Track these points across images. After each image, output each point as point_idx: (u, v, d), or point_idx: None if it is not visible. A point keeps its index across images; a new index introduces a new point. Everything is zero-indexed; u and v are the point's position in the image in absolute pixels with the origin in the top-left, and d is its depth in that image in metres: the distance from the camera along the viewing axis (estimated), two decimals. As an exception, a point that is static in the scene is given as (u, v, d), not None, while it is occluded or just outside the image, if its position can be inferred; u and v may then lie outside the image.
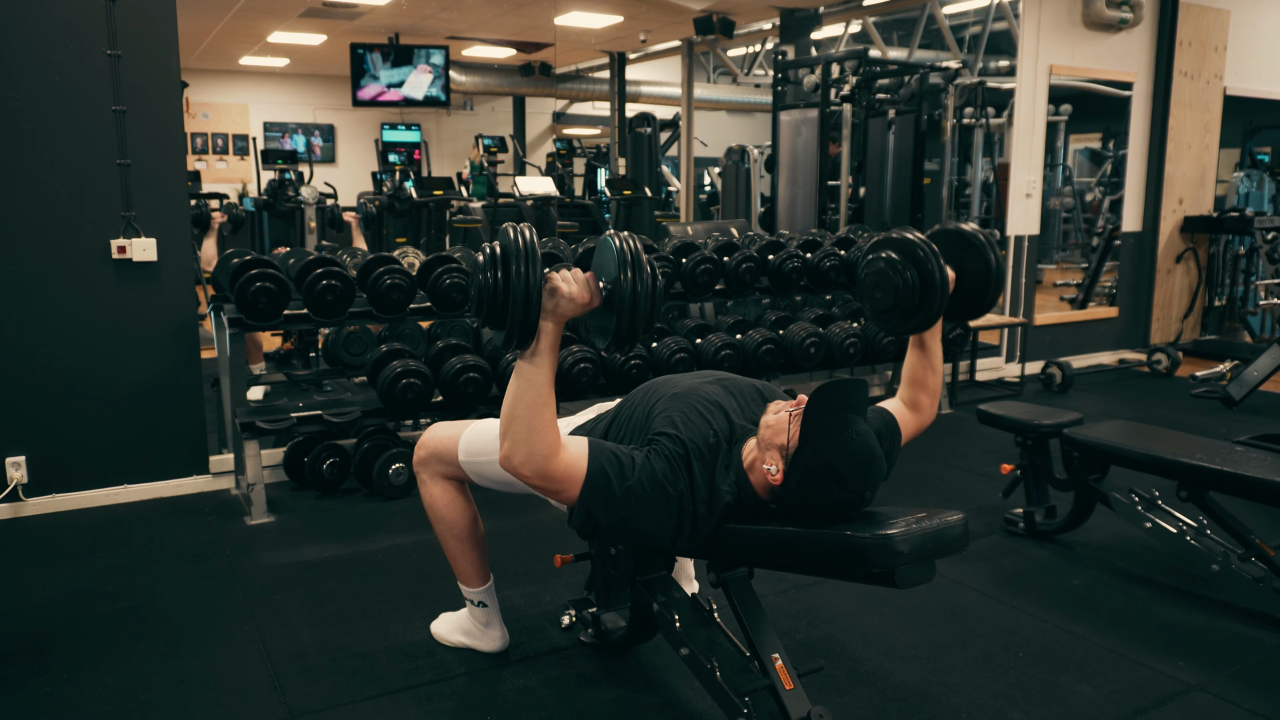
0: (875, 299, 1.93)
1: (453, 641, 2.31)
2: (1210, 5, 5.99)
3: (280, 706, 2.04)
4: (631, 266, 1.61)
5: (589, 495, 1.67)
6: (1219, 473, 2.46)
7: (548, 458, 1.65)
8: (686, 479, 1.70)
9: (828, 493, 1.64)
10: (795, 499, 1.68)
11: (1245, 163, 8.32)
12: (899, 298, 1.87)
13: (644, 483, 1.67)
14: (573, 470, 1.67)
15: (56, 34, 3.06)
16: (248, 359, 4.52)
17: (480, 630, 2.27)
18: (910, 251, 1.87)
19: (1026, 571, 2.77)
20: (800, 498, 1.67)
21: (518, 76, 10.19)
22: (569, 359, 3.58)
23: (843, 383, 1.67)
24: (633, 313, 1.62)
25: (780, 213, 6.47)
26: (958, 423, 4.50)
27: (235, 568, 2.79)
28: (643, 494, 1.67)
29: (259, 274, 3.12)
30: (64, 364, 3.20)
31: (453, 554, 2.20)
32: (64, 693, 2.08)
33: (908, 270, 1.86)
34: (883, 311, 1.93)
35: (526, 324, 1.61)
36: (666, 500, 1.68)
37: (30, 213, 3.10)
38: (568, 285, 1.63)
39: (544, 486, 1.69)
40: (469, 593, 2.24)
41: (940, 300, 1.86)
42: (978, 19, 8.88)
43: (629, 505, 1.67)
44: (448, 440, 2.12)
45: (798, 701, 1.68)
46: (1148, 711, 2.03)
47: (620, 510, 1.67)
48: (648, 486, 1.67)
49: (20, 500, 3.21)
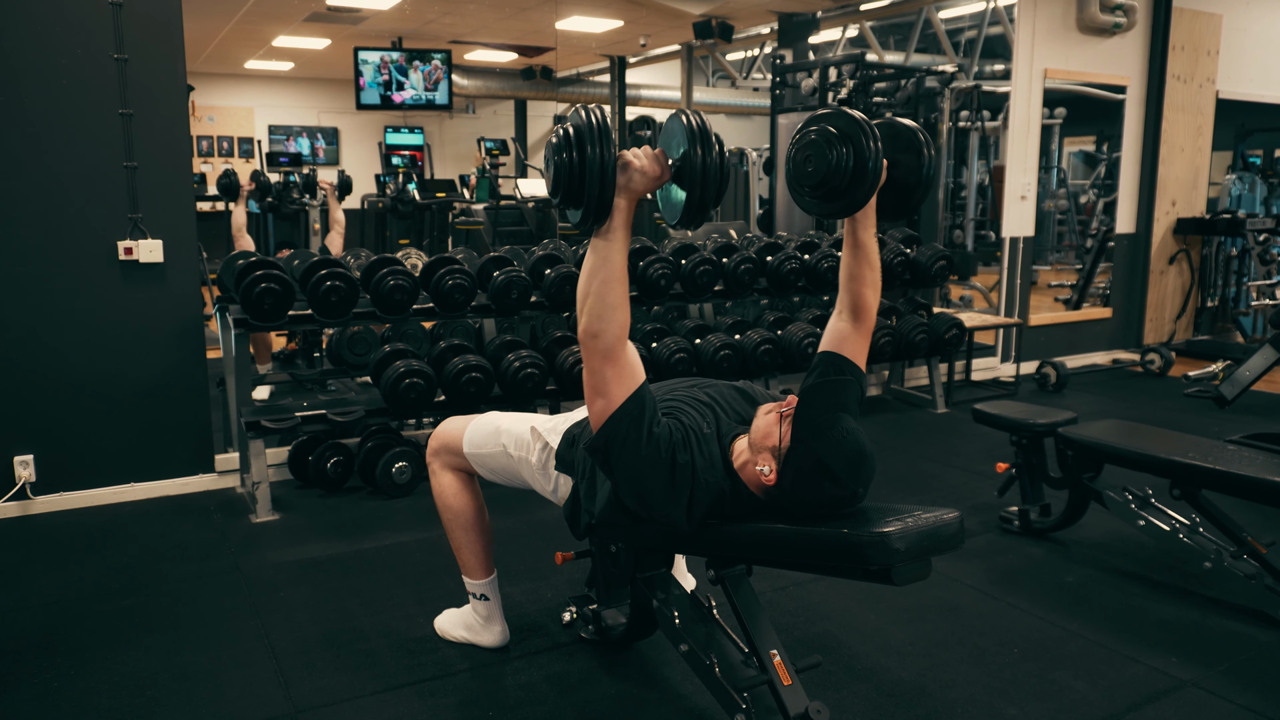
0: (805, 172, 1.82)
1: (455, 636, 2.34)
2: (1203, 10, 6.03)
3: (285, 701, 2.06)
4: (700, 141, 1.64)
5: (625, 412, 1.68)
6: (1211, 471, 2.48)
7: (619, 338, 1.68)
8: (688, 455, 1.74)
9: (821, 490, 1.67)
10: (790, 498, 1.71)
11: (1237, 165, 8.37)
12: (829, 174, 1.76)
13: (662, 439, 1.71)
14: (628, 374, 1.70)
15: (64, 38, 3.09)
16: (256, 359, 4.54)
17: (481, 625, 2.30)
18: (849, 129, 1.76)
19: (1021, 569, 2.80)
20: (795, 496, 1.70)
21: (519, 80, 10.23)
22: (570, 359, 3.62)
23: (831, 382, 1.70)
24: (703, 184, 1.64)
25: (778, 215, 6.49)
26: (954, 422, 4.53)
27: (240, 565, 2.81)
28: (658, 449, 1.70)
29: (264, 275, 3.15)
30: (71, 364, 3.23)
31: (458, 544, 2.24)
32: (72, 688, 2.11)
33: (844, 146, 1.76)
34: (810, 186, 1.82)
35: (603, 200, 1.65)
36: (675, 465, 1.71)
37: (38, 214, 3.13)
38: (639, 160, 1.66)
39: (599, 373, 1.69)
40: (472, 585, 2.28)
41: (871, 184, 1.77)
42: (973, 23, 8.92)
43: (644, 450, 1.68)
44: (456, 433, 2.20)
45: (795, 697, 1.70)
46: (1141, 707, 2.04)
47: (636, 450, 1.68)
48: (664, 444, 1.70)
49: (28, 498, 3.23)
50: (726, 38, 7.61)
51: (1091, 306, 6.38)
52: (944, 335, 4.61)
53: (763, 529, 1.73)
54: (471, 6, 7.21)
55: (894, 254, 4.55)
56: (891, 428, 4.43)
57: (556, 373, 3.64)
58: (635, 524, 1.84)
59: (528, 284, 3.61)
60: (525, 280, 3.59)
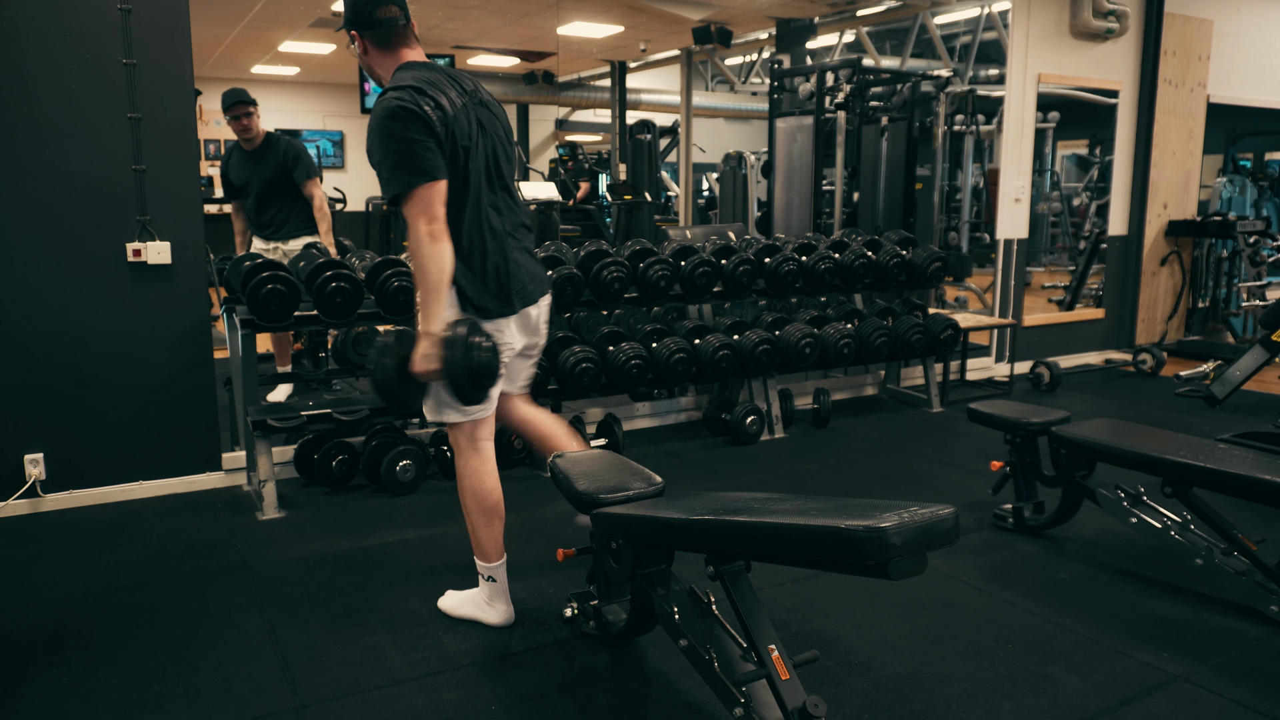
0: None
1: (462, 614, 2.43)
2: (1194, 15, 6.08)
3: (290, 696, 2.08)
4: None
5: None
6: (1202, 469, 2.49)
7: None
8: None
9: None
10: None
11: (1228, 168, 8.44)
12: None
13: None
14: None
15: (74, 43, 3.12)
16: (276, 359, 4.57)
17: (488, 604, 2.39)
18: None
19: (1015, 565, 2.82)
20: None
21: (521, 84, 10.27)
22: (571, 359, 3.66)
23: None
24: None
25: (776, 217, 6.54)
26: (948, 420, 4.57)
27: (247, 562, 2.84)
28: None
29: (270, 276, 3.18)
30: (81, 363, 3.25)
31: (474, 526, 2.33)
32: (81, 683, 2.13)
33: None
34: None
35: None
36: None
37: (48, 216, 3.15)
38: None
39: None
40: (484, 568, 2.37)
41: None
42: (968, 29, 8.98)
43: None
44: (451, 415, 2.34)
45: (793, 691, 1.72)
46: (1133, 701, 2.06)
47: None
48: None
49: (38, 496, 3.25)
50: (725, 43, 7.66)
51: (1084, 307, 6.42)
52: (939, 335, 4.66)
53: (761, 525, 1.74)
54: (474, 12, 7.24)
55: (890, 256, 4.59)
56: (887, 426, 4.47)
57: (558, 372, 3.68)
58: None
59: (529, 285, 3.64)
60: (527, 282, 3.62)
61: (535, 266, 2.42)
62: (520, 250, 2.36)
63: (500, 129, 2.33)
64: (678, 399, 4.57)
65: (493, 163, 2.28)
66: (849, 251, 4.50)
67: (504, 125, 2.37)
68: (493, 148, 2.28)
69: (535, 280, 2.40)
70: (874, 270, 4.56)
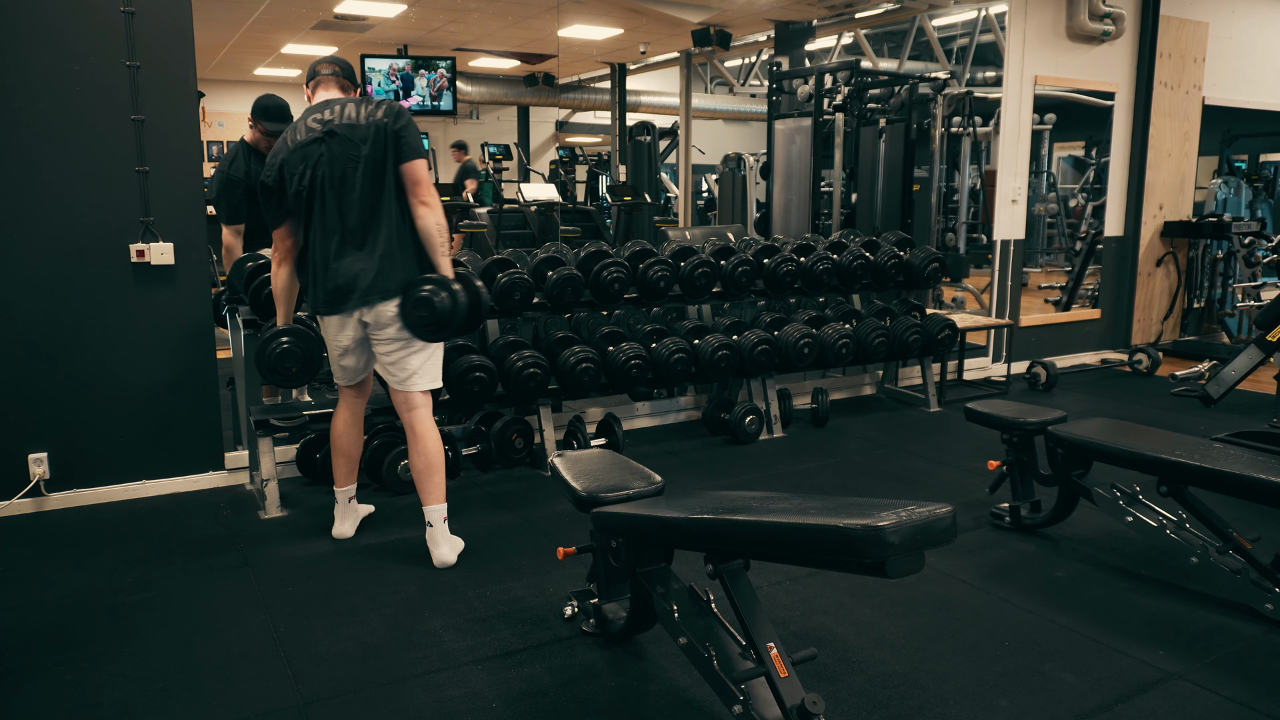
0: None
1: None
2: (1189, 18, 6.11)
3: (293, 694, 2.09)
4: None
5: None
6: (1198, 469, 2.50)
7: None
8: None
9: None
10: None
11: (1223, 170, 8.47)
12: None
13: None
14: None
15: (77, 46, 3.13)
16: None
17: (340, 517, 3.04)
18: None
19: (1012, 564, 2.83)
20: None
21: (522, 86, 10.28)
22: (571, 359, 3.67)
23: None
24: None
25: (775, 218, 6.56)
26: (946, 420, 4.58)
27: (249, 560, 2.85)
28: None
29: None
30: (85, 363, 3.27)
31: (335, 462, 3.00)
32: (84, 681, 2.14)
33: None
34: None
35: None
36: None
37: (52, 217, 3.17)
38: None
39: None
40: (340, 491, 3.01)
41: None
42: (966, 31, 9.01)
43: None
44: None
45: (792, 689, 1.73)
46: (1129, 699, 2.07)
47: None
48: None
49: (43, 495, 3.27)
50: (724, 45, 7.68)
51: (1081, 308, 6.44)
52: (937, 336, 4.68)
53: (761, 524, 1.75)
54: (475, 15, 7.26)
55: (888, 256, 4.61)
56: (885, 426, 4.49)
57: (559, 372, 3.70)
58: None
59: (530, 286, 3.66)
60: (528, 282, 3.65)
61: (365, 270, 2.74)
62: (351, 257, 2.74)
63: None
64: (677, 399, 4.59)
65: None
66: (847, 252, 4.52)
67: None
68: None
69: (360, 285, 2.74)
70: (872, 271, 4.58)
